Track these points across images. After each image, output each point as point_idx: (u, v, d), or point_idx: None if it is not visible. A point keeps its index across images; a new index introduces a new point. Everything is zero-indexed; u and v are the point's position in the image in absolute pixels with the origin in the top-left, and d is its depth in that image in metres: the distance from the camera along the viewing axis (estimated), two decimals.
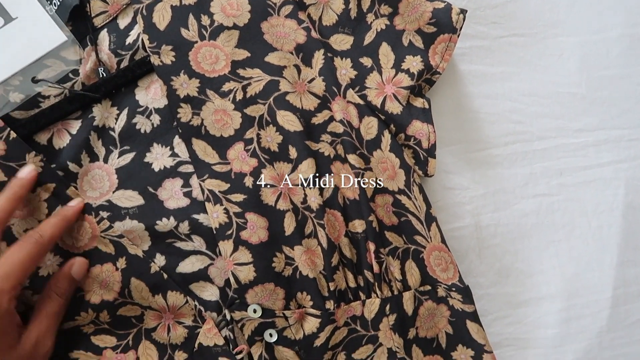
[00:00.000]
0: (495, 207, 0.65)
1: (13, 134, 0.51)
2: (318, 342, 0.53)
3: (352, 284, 0.55)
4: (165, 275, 0.52)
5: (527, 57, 0.68)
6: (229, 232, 0.53)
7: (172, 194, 0.55)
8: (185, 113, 0.54)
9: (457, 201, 0.64)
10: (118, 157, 0.55)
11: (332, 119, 0.58)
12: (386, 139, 0.58)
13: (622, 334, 0.65)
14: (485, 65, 0.66)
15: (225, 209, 0.53)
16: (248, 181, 0.54)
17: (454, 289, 0.57)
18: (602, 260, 0.66)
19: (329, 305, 0.54)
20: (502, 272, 0.64)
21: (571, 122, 0.67)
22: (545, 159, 0.67)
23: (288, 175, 0.55)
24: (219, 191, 0.54)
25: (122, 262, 0.51)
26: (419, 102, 0.59)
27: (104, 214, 0.53)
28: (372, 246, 0.55)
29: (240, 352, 0.52)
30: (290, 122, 0.56)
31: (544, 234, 0.65)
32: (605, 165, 0.68)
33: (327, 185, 0.56)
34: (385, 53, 0.59)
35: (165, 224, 0.53)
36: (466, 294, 0.57)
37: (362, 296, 0.55)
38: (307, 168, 0.55)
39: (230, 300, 0.53)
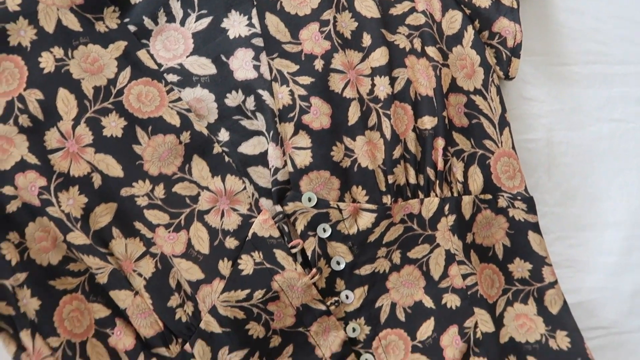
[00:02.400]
0: (570, 126, 0.63)
1: None
2: (372, 238, 0.52)
3: (412, 181, 0.53)
4: (227, 159, 0.51)
5: None
6: (292, 114, 0.51)
7: (242, 64, 0.53)
8: None
9: (533, 112, 0.62)
10: (195, 22, 0.53)
11: (412, 10, 0.55)
12: (469, 34, 0.56)
13: None
14: None
15: (290, 90, 0.51)
16: (318, 64, 0.52)
17: (519, 197, 0.55)
18: None
19: (386, 199, 0.52)
20: (569, 192, 0.62)
21: None
22: (625, 84, 0.64)
23: (358, 64, 0.53)
24: (287, 72, 0.52)
25: (186, 136, 0.50)
26: (507, 1, 0.56)
27: (174, 78, 0.51)
28: (441, 142, 0.53)
29: (295, 246, 0.50)
30: (368, 7, 0.54)
31: (616, 160, 0.63)
32: None
33: (399, 77, 0.53)
34: None
35: (234, 97, 0.52)
36: (530, 204, 0.55)
37: (421, 195, 0.53)
38: (379, 56, 0.53)
39: (283, 191, 0.51)
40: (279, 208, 0.50)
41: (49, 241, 0.47)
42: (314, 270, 0.50)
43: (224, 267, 0.49)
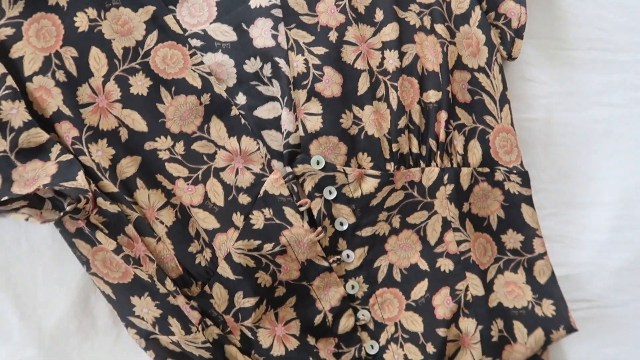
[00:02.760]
0: (569, 107, 0.65)
1: None
2: (374, 202, 0.55)
3: (415, 150, 0.56)
4: (243, 121, 0.54)
5: None
6: (305, 82, 0.54)
7: (261, 33, 0.56)
8: None
9: (533, 93, 0.64)
10: None
11: None
12: (476, 14, 0.59)
13: None
14: None
15: (305, 59, 0.54)
16: (332, 36, 0.55)
17: (514, 171, 0.58)
18: None
19: (389, 167, 0.55)
20: (564, 171, 0.65)
21: None
22: (625, 71, 0.66)
23: (369, 38, 0.56)
24: (303, 42, 0.54)
25: (206, 98, 0.53)
26: None
27: (197, 43, 0.55)
28: (444, 115, 0.56)
29: (302, 205, 0.53)
30: None
31: (611, 143, 0.66)
32: None
33: (408, 52, 0.56)
34: None
35: (252, 64, 0.55)
36: (525, 178, 0.59)
37: (422, 164, 0.56)
38: (390, 31, 0.56)
39: (294, 154, 0.54)
40: (289, 169, 0.54)
41: None
42: (319, 228, 0.53)
43: (238, 219, 0.52)
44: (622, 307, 0.64)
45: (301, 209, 0.53)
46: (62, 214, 0.47)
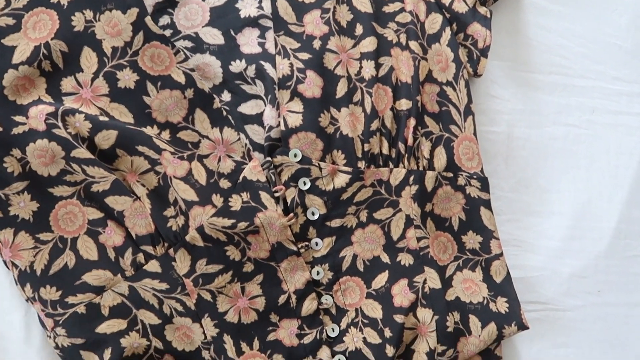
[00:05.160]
0: (529, 124, 0.71)
1: None
2: (345, 196, 0.60)
3: (385, 152, 0.61)
4: (225, 113, 0.59)
5: (585, 3, 0.74)
6: (289, 83, 0.59)
7: (248, 41, 0.61)
8: None
9: (497, 109, 0.70)
10: None
11: (401, 10, 0.64)
12: (446, 34, 0.65)
13: (617, 263, 0.70)
14: (547, 1, 0.72)
15: (290, 63, 0.59)
16: (316, 44, 0.60)
17: (475, 177, 0.63)
18: (613, 195, 0.72)
19: (361, 165, 0.60)
20: (523, 181, 0.70)
21: (611, 70, 0.73)
22: (582, 95, 0.73)
23: (350, 49, 0.61)
24: (290, 48, 0.60)
25: (189, 93, 0.58)
26: (482, 10, 0.66)
27: (188, 44, 0.60)
28: (412, 121, 0.61)
29: (278, 191, 0.58)
30: (362, 3, 0.63)
31: (567, 159, 0.71)
32: (634, 114, 0.74)
33: (384, 64, 0.62)
34: None
35: (237, 65, 0.60)
36: (484, 184, 0.63)
37: (391, 165, 0.61)
38: (368, 44, 0.62)
39: (274, 147, 0.59)
40: (268, 159, 0.58)
41: (47, 157, 0.54)
42: (292, 214, 0.58)
43: (217, 200, 0.57)
44: (572, 312, 0.68)
45: (276, 194, 0.57)
46: None
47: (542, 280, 0.68)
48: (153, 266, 0.55)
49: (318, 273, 0.59)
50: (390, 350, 0.57)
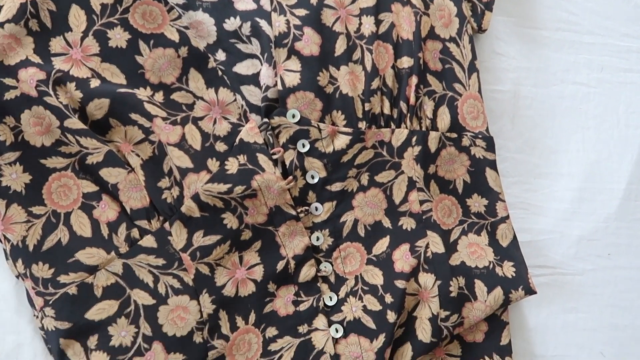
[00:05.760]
0: (536, 83, 0.69)
1: None
2: (345, 158, 0.57)
3: (387, 111, 0.58)
4: (220, 73, 0.56)
5: None
6: (286, 41, 0.56)
7: None
8: None
9: (502, 67, 0.67)
10: None
11: None
12: None
13: (628, 225, 0.68)
14: None
15: (287, 20, 0.57)
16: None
17: (480, 136, 0.61)
18: (623, 155, 0.70)
19: (361, 125, 0.58)
20: (530, 142, 0.68)
21: (620, 26, 0.71)
22: (590, 52, 0.71)
23: (348, 5, 0.59)
24: (286, 4, 0.57)
25: (183, 51, 0.55)
26: None
27: (180, 1, 0.57)
28: (414, 79, 0.59)
29: (276, 153, 0.55)
30: None
31: (576, 119, 0.69)
32: None
33: (385, 20, 0.59)
34: None
35: (232, 23, 0.58)
36: (490, 143, 0.61)
37: (393, 125, 0.59)
38: None
39: (271, 108, 0.56)
40: (265, 120, 0.56)
41: (43, 126, 0.51)
42: (290, 177, 0.55)
43: (212, 164, 0.54)
44: (582, 276, 0.66)
45: (274, 156, 0.55)
46: None
47: (551, 243, 0.66)
48: (148, 241, 0.53)
49: (318, 239, 0.57)
50: (391, 316, 0.55)
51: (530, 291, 0.59)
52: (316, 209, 0.57)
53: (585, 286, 0.66)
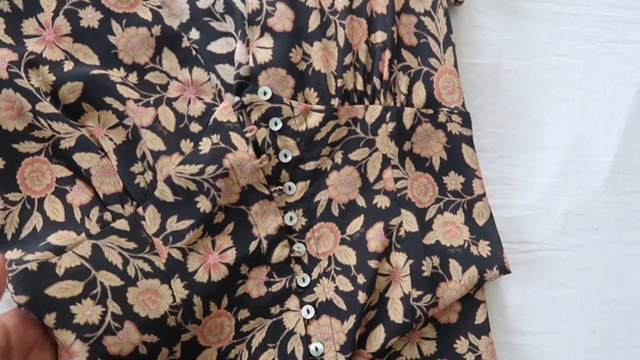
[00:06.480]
0: (518, 55, 0.67)
1: None
2: (319, 137, 0.56)
3: (360, 87, 0.57)
4: (194, 52, 0.56)
5: None
6: (259, 18, 0.56)
7: None
8: None
9: (483, 40, 0.66)
10: None
11: None
12: None
13: (616, 199, 0.66)
14: None
15: None
16: None
17: (455, 111, 0.60)
18: (610, 128, 0.67)
19: (334, 102, 0.57)
20: (513, 116, 0.66)
21: None
22: (574, 23, 0.68)
23: None
24: None
25: (156, 30, 0.55)
26: None
27: None
28: (388, 54, 0.57)
29: (249, 131, 0.55)
30: None
31: (560, 91, 0.67)
32: (630, 42, 0.69)
33: None
34: None
35: (205, 1, 0.57)
36: (466, 119, 0.60)
37: (366, 102, 0.58)
38: None
39: (244, 85, 0.56)
40: (238, 99, 0.55)
41: (14, 110, 0.51)
42: (263, 155, 0.55)
43: (186, 146, 0.54)
44: (570, 251, 0.64)
45: (247, 135, 0.55)
46: None
47: (537, 219, 0.64)
48: (121, 224, 0.52)
49: (291, 219, 0.56)
50: (362, 297, 0.55)
51: (505, 270, 0.58)
52: (289, 188, 0.56)
53: (574, 262, 0.64)
